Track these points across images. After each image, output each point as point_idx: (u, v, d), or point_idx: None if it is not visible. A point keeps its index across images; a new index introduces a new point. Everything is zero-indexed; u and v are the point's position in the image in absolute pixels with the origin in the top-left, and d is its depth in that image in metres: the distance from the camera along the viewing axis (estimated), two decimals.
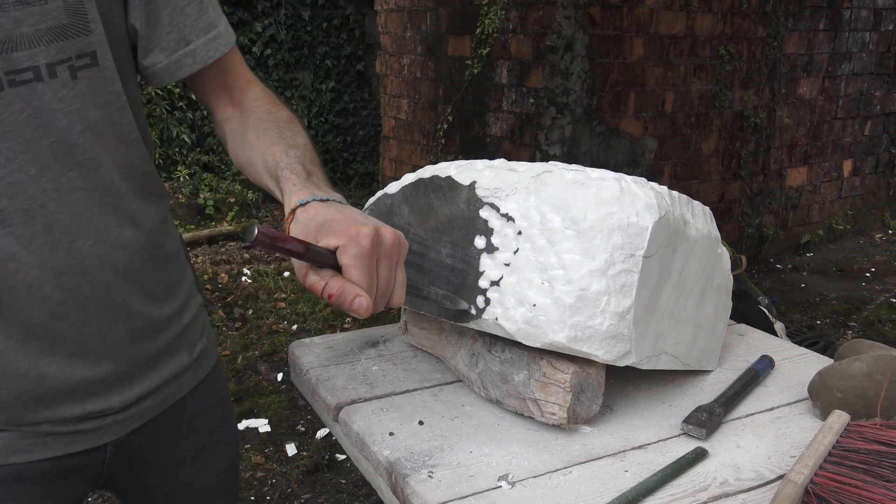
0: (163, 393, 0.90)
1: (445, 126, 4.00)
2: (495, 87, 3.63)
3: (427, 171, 0.88)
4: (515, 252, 0.80)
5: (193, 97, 5.06)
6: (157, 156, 5.06)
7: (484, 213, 0.82)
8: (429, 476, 0.74)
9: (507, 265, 0.80)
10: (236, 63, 0.88)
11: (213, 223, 4.87)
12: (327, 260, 0.65)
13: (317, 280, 0.66)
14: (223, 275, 4.07)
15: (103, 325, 0.79)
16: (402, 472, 0.75)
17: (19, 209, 0.71)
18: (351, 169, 5.91)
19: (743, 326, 1.17)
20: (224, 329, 3.46)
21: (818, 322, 3.67)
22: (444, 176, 0.86)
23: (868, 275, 4.34)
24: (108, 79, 0.75)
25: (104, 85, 0.74)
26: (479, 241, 0.82)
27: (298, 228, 0.69)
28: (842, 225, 4.95)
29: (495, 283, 0.81)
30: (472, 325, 0.83)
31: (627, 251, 0.76)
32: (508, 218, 0.81)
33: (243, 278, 4.07)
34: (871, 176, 5.10)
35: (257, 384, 2.97)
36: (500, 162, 0.87)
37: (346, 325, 3.48)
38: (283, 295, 3.86)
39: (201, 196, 4.97)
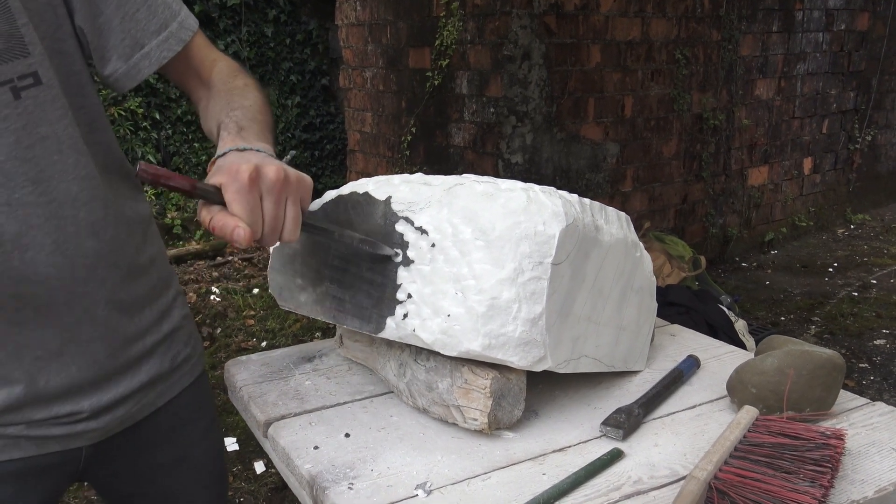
0: (139, 400, 0.91)
1: (409, 138, 4.03)
2: (456, 98, 3.66)
3: (347, 188, 0.90)
4: (430, 264, 0.81)
5: (157, 117, 5.05)
6: None
7: (399, 226, 0.84)
8: (348, 488, 0.75)
9: (423, 277, 0.82)
10: (200, 48, 0.91)
11: (181, 242, 4.84)
12: (215, 197, 0.70)
13: (206, 215, 0.71)
14: (191, 294, 4.05)
15: (66, 332, 0.81)
16: (323, 485, 0.76)
17: None
18: (320, 183, 5.90)
19: (676, 327, 1.19)
20: None
21: (782, 318, 3.72)
22: (361, 192, 0.88)
23: (831, 270, 4.42)
24: (55, 95, 0.77)
25: (52, 101, 0.77)
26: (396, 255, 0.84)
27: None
28: (804, 222, 5.04)
29: (412, 295, 0.82)
30: (391, 336, 0.84)
31: (536, 259, 0.78)
32: (423, 231, 0.83)
33: (212, 297, 4.05)
34: (831, 173, 5.20)
35: (225, 403, 2.95)
36: (417, 176, 0.89)
37: (315, 339, 3.47)
38: (252, 312, 3.85)
39: (168, 216, 4.94)
